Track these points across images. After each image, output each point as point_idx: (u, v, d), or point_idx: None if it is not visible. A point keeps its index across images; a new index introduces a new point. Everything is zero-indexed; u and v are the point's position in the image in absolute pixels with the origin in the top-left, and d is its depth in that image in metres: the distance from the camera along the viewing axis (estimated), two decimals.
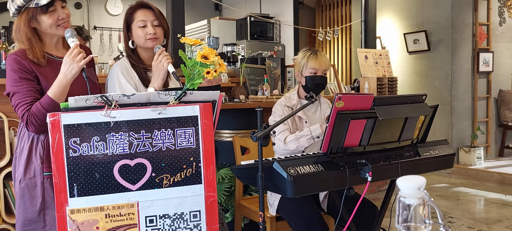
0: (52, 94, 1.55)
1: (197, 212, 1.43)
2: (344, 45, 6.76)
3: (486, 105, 5.72)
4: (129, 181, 1.36)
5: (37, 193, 1.61)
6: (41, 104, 1.54)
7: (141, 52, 1.94)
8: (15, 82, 1.57)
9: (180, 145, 1.40)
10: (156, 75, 1.79)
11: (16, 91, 1.57)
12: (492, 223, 3.49)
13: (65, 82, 1.55)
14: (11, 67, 1.59)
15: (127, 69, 1.87)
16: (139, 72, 1.89)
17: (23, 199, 1.61)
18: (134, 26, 1.89)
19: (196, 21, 6.15)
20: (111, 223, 1.35)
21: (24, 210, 1.61)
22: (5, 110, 2.42)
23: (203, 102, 1.44)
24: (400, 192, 0.66)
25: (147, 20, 1.87)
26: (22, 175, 1.62)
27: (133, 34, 1.91)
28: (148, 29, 1.86)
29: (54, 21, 1.63)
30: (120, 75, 1.83)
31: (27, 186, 1.61)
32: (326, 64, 2.29)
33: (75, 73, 1.55)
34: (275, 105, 2.33)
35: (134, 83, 1.85)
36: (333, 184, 1.70)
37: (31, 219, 1.60)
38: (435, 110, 1.95)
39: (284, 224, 2.27)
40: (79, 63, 1.53)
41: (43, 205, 1.60)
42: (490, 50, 5.61)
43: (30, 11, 1.61)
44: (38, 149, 1.62)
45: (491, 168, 5.13)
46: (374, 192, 4.42)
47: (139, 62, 1.91)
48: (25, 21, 1.62)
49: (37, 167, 1.61)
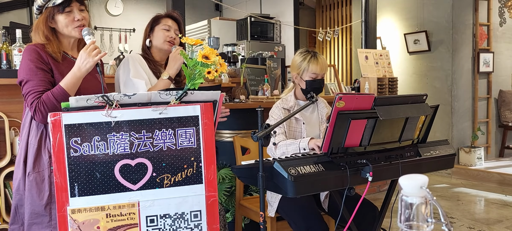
0: (64, 85, 1.60)
1: (197, 212, 1.43)
2: (345, 45, 6.76)
3: (487, 105, 5.71)
4: (130, 181, 1.36)
5: (45, 187, 1.64)
6: (52, 93, 1.59)
7: (155, 52, 2.13)
8: (30, 71, 1.62)
9: (181, 144, 1.40)
10: (172, 64, 2.00)
11: (30, 79, 1.62)
12: (493, 224, 3.48)
13: (78, 75, 1.61)
14: (28, 56, 1.64)
15: (139, 59, 2.05)
16: (151, 65, 2.07)
17: (31, 192, 1.64)
18: (158, 28, 2.10)
19: (196, 21, 6.16)
20: (112, 223, 1.35)
21: (32, 202, 1.64)
22: (6, 110, 2.42)
23: (204, 102, 1.44)
24: (403, 190, 0.66)
25: (172, 27, 2.11)
26: (31, 168, 1.64)
27: (154, 35, 2.11)
28: (171, 34, 2.09)
29: (70, 22, 1.70)
30: (134, 62, 2.00)
31: (35, 179, 1.64)
32: (326, 67, 2.30)
33: (89, 68, 1.61)
34: (272, 108, 2.32)
35: (146, 71, 2.02)
36: (333, 184, 1.70)
37: (38, 213, 1.63)
38: (436, 110, 1.95)
39: (284, 224, 2.27)
40: (94, 58, 1.60)
41: (49, 199, 1.63)
42: (491, 51, 5.61)
43: (48, 11, 1.68)
44: (47, 143, 1.65)
45: (491, 168, 5.12)
46: (374, 192, 4.42)
47: (152, 57, 2.11)
48: (44, 20, 1.69)
49: (46, 161, 1.64)
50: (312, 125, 2.33)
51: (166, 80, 1.97)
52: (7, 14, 5.67)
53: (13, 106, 2.49)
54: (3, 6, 5.68)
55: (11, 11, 5.72)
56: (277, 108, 2.29)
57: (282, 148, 2.13)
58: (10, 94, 2.48)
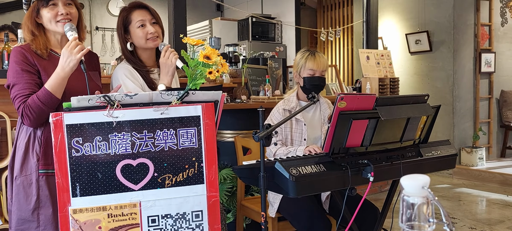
0: (49, 86, 1.53)
1: (199, 212, 1.43)
2: (346, 45, 6.76)
3: (488, 106, 5.71)
4: (131, 181, 1.37)
5: (32, 191, 1.58)
6: (37, 97, 1.53)
7: (140, 54, 1.91)
8: (16, 73, 1.58)
9: (182, 145, 1.40)
10: (164, 71, 1.79)
11: (16, 82, 1.57)
12: (494, 224, 3.48)
13: (62, 75, 1.54)
14: (14, 59, 1.60)
15: (130, 72, 1.84)
16: (142, 75, 1.86)
17: (18, 196, 1.58)
18: (133, 27, 1.86)
19: (197, 21, 6.16)
20: (114, 223, 1.35)
21: (18, 208, 1.58)
22: (7, 110, 2.43)
23: (205, 102, 1.44)
24: (404, 190, 0.66)
25: (145, 19, 1.85)
26: (18, 171, 1.59)
27: (131, 36, 1.87)
28: (148, 28, 1.84)
29: (53, 16, 1.63)
30: (125, 78, 1.81)
31: (22, 183, 1.58)
32: (324, 65, 2.29)
33: (73, 66, 1.53)
34: (273, 110, 2.32)
35: (139, 84, 1.83)
36: (335, 184, 1.70)
37: (25, 218, 1.57)
38: (437, 110, 1.95)
39: (286, 224, 2.27)
40: (77, 56, 1.52)
41: (37, 204, 1.57)
42: (492, 51, 5.60)
43: (34, 5, 1.64)
44: (35, 146, 1.60)
45: (493, 168, 5.12)
46: (375, 192, 4.42)
47: (140, 65, 1.88)
48: (29, 15, 1.65)
49: (33, 164, 1.59)
50: (314, 126, 2.32)
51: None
52: (9, 14, 5.69)
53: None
54: (4, 7, 5.70)
55: (13, 12, 5.73)
56: (278, 111, 2.28)
57: (282, 155, 2.13)
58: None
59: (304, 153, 2.01)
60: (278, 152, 2.15)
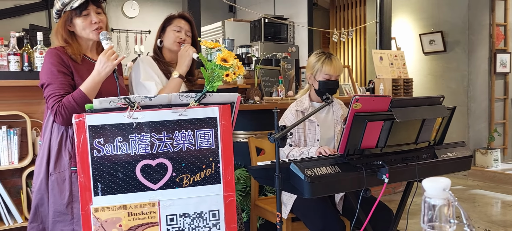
0: (84, 89, 1.64)
1: (216, 211, 1.46)
2: (359, 46, 6.74)
3: (503, 106, 5.63)
4: (150, 181, 1.40)
5: (66, 187, 1.68)
6: (72, 97, 1.63)
7: (166, 53, 2.15)
8: (51, 74, 1.67)
9: (200, 145, 1.43)
10: (181, 61, 2.04)
11: (51, 82, 1.67)
12: (510, 226, 3.44)
13: (98, 79, 1.66)
14: (50, 60, 1.69)
15: (150, 61, 2.08)
16: (161, 66, 2.09)
17: (53, 191, 1.69)
18: (169, 29, 2.13)
19: (210, 23, 6.20)
20: (134, 221, 1.39)
21: (54, 202, 1.69)
22: (28, 111, 2.49)
23: (222, 104, 1.46)
24: (426, 192, 0.67)
25: (182, 28, 2.13)
26: (53, 168, 1.70)
27: (165, 35, 2.14)
28: (181, 35, 2.11)
29: (87, 25, 1.75)
30: (144, 65, 2.04)
31: (57, 179, 1.69)
32: (340, 69, 2.29)
33: (108, 71, 1.66)
34: (286, 111, 2.33)
35: (156, 73, 2.05)
36: (350, 186, 1.71)
37: (61, 211, 1.68)
38: (453, 112, 1.94)
39: (300, 224, 2.28)
40: (113, 62, 1.66)
41: (70, 199, 1.68)
42: (508, 51, 5.52)
43: (67, 15, 1.74)
44: (67, 145, 1.70)
45: (508, 170, 5.05)
46: (389, 193, 4.40)
47: (162, 58, 2.14)
48: (62, 24, 1.74)
49: (66, 162, 1.69)
50: (327, 127, 2.33)
51: (177, 79, 2.00)
52: (27, 16, 5.80)
53: (35, 107, 2.55)
54: (22, 9, 5.81)
55: (31, 14, 5.85)
56: (291, 113, 2.30)
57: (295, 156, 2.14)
58: (32, 95, 2.54)
59: (316, 154, 2.02)
60: (291, 153, 2.17)
